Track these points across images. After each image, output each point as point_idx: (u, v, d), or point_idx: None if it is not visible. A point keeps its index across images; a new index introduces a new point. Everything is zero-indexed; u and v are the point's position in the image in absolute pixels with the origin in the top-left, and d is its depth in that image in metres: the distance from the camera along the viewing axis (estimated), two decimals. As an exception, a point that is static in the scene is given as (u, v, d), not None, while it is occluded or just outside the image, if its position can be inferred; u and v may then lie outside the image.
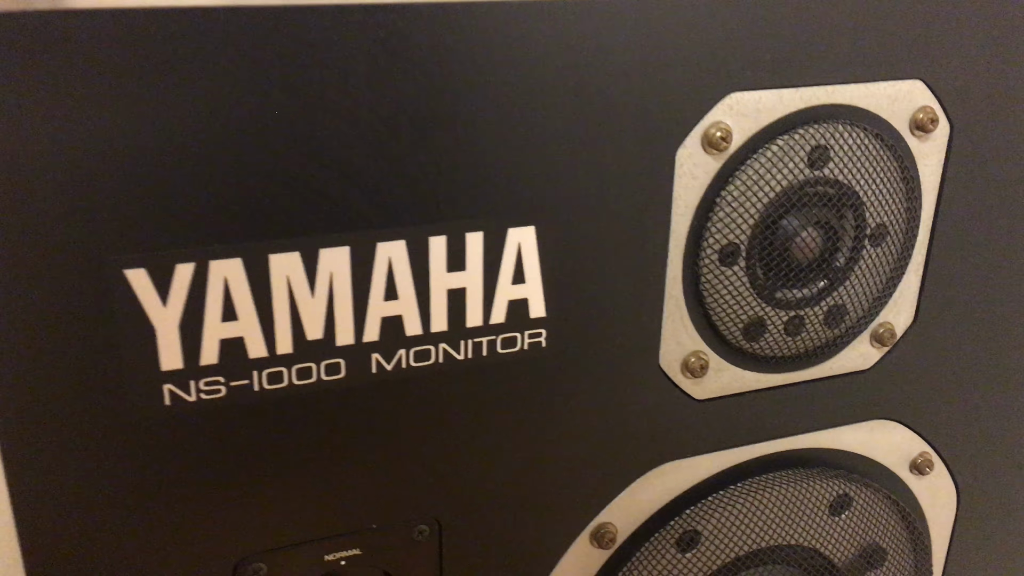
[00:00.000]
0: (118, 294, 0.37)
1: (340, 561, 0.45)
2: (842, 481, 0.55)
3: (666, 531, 0.52)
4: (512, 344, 0.44)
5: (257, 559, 0.43)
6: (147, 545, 0.41)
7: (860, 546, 0.58)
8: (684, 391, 0.49)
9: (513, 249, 0.42)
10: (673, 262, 0.46)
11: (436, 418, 0.44)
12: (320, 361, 0.41)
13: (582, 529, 0.50)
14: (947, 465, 0.59)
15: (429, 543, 0.47)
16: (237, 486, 0.42)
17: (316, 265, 0.39)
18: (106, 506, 0.40)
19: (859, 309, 0.51)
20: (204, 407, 0.40)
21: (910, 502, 0.59)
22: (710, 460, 0.52)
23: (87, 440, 0.39)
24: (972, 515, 0.61)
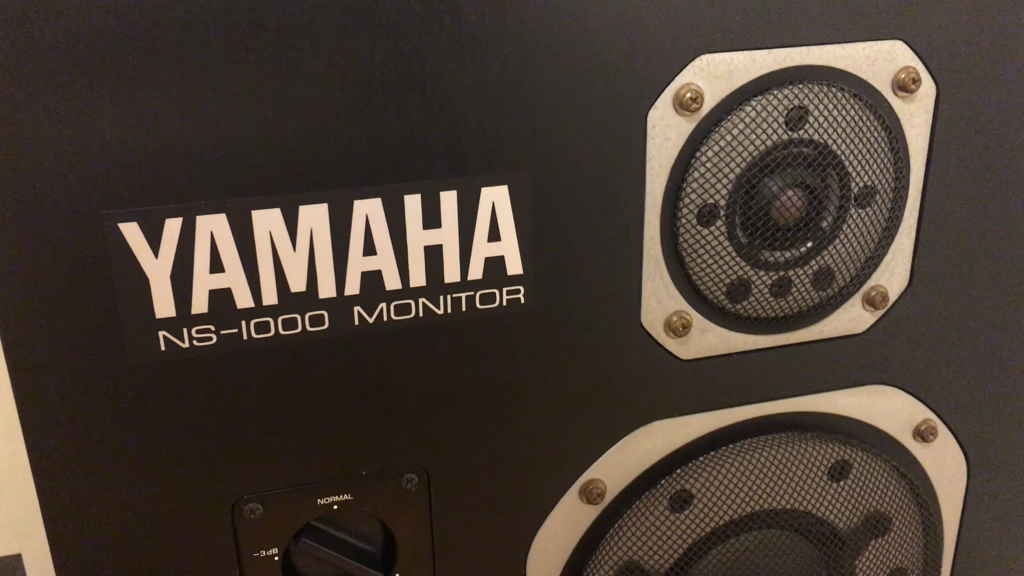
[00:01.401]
0: (114, 247, 0.40)
1: (332, 505, 0.48)
2: (840, 446, 0.56)
3: (657, 490, 0.53)
4: (491, 300, 0.46)
5: (253, 500, 0.47)
6: (149, 485, 0.45)
7: (864, 513, 0.58)
8: (668, 351, 0.51)
9: (487, 208, 0.45)
10: (650, 222, 0.48)
11: (420, 371, 0.47)
12: (304, 313, 0.44)
13: (571, 484, 0.52)
14: (953, 432, 0.58)
15: (419, 493, 0.49)
16: (232, 430, 0.45)
17: (296, 221, 0.42)
18: (111, 448, 0.44)
19: (848, 272, 0.52)
20: (197, 354, 0.43)
21: (914, 470, 0.58)
22: (700, 420, 0.53)
23: (92, 385, 0.42)
24: (985, 485, 0.61)
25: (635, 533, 0.54)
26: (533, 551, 0.53)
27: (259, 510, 0.47)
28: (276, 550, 0.48)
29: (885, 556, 0.60)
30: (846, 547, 0.58)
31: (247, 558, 0.48)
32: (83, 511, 0.45)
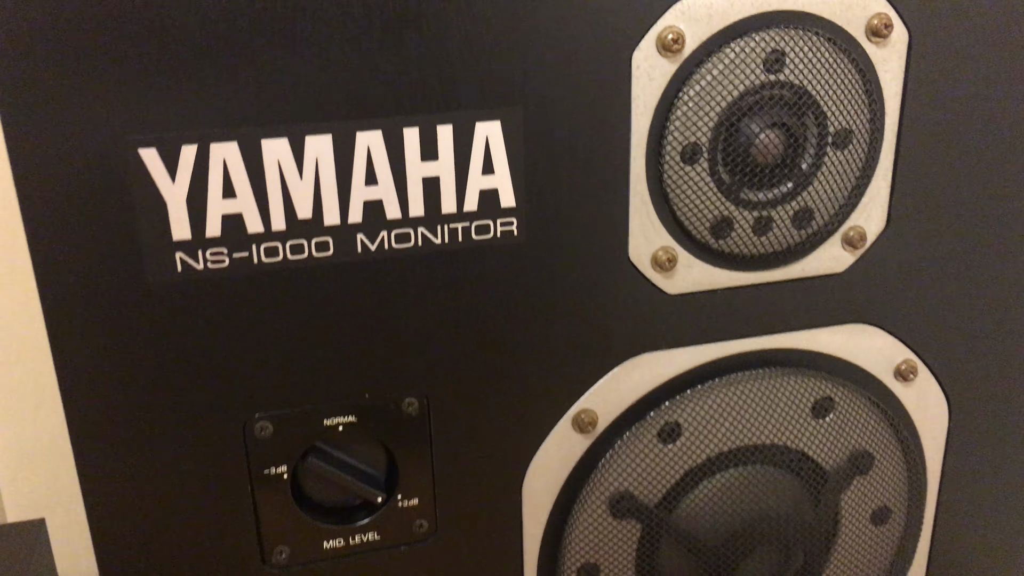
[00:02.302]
0: (134, 171, 0.43)
1: (338, 427, 0.51)
2: (823, 382, 0.58)
3: (647, 421, 0.56)
4: (486, 231, 0.49)
5: (264, 419, 0.50)
6: (166, 401, 0.48)
7: (847, 450, 0.60)
8: (656, 285, 0.53)
9: (481, 142, 0.48)
10: (636, 160, 0.50)
11: (419, 298, 0.50)
12: (311, 239, 0.47)
13: (563, 413, 0.55)
14: (933, 372, 0.61)
15: (419, 417, 0.52)
16: (244, 351, 0.48)
17: (303, 150, 0.45)
18: (131, 365, 0.47)
19: (826, 212, 0.54)
20: (211, 276, 0.46)
21: (896, 409, 0.61)
22: (687, 354, 0.56)
23: (114, 303, 0.46)
24: (966, 425, 0.63)
25: (626, 463, 0.57)
26: (528, 478, 0.55)
27: (269, 429, 0.50)
28: (285, 468, 0.51)
29: (869, 494, 0.62)
30: (830, 483, 0.60)
31: (257, 475, 0.51)
32: (104, 424, 0.48)
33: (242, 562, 0.52)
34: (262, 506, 0.51)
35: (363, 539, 0.54)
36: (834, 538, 0.62)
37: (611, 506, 0.57)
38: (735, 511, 0.58)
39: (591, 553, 0.58)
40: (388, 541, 0.54)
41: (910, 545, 0.65)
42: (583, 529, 0.57)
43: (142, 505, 0.50)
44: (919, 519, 0.64)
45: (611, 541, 0.58)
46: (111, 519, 0.49)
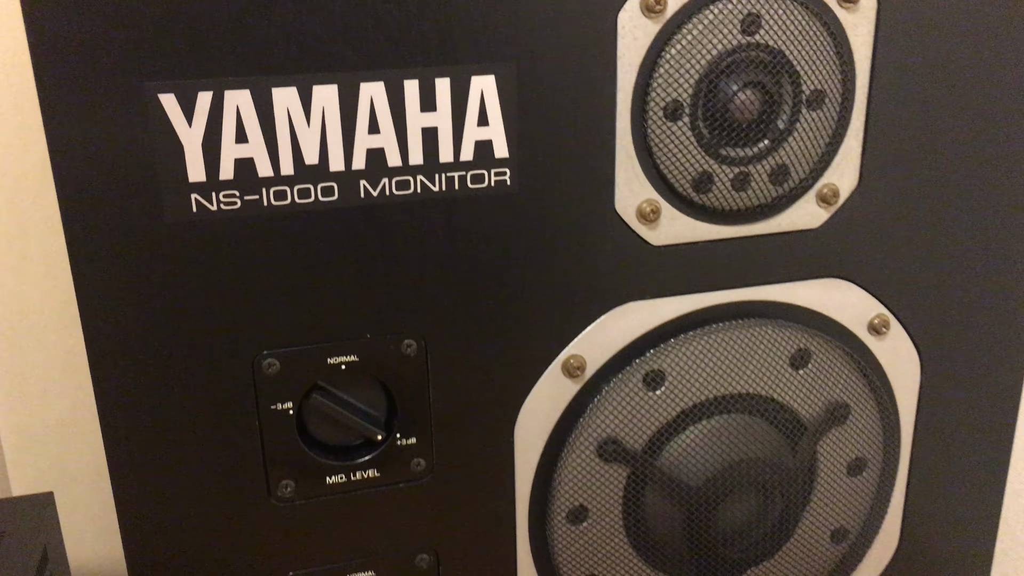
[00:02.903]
0: (154, 115, 0.47)
1: (341, 365, 0.54)
2: (800, 333, 0.61)
3: (633, 368, 0.59)
4: (481, 180, 0.53)
5: (271, 356, 0.53)
6: (179, 336, 0.51)
7: (824, 402, 0.63)
8: (640, 236, 0.57)
9: (477, 95, 0.51)
10: (622, 115, 0.54)
11: (418, 244, 0.53)
12: (317, 183, 0.50)
13: (553, 359, 0.58)
14: (905, 327, 0.64)
15: (417, 358, 0.55)
16: (253, 290, 0.51)
17: (310, 99, 0.49)
18: (148, 301, 0.50)
19: (801, 169, 0.58)
20: (224, 217, 0.49)
21: (870, 361, 0.64)
22: (671, 304, 0.59)
23: (133, 243, 0.49)
24: (938, 380, 0.66)
25: (613, 408, 0.60)
26: (520, 421, 0.59)
27: (276, 365, 0.53)
28: (291, 404, 0.54)
29: (845, 444, 0.65)
30: (808, 433, 0.64)
31: (265, 411, 0.54)
32: (120, 355, 0.51)
33: (249, 495, 0.55)
34: (269, 441, 0.54)
35: (364, 476, 0.57)
36: (812, 487, 0.65)
37: (599, 450, 0.60)
38: (717, 457, 0.61)
39: (580, 495, 0.61)
40: (387, 478, 0.57)
41: (885, 495, 0.68)
42: (572, 472, 0.60)
43: (154, 435, 0.53)
44: (894, 470, 0.68)
45: (599, 484, 0.61)
46: (125, 444, 0.52)
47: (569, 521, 0.62)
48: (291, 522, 0.57)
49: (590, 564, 0.63)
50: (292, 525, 0.57)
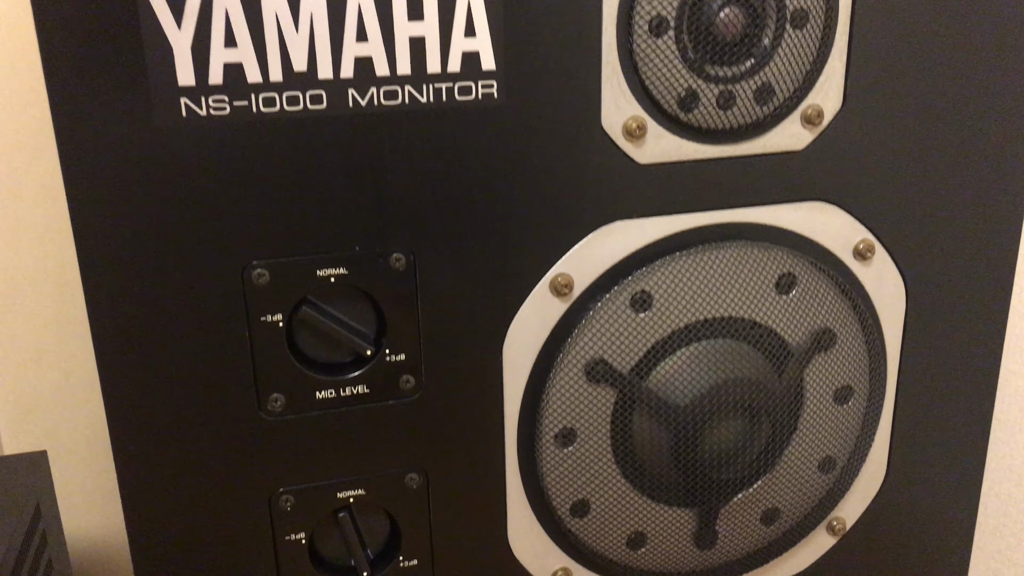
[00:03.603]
0: (144, 16, 0.47)
1: (330, 278, 0.55)
2: (786, 257, 0.62)
3: (620, 288, 0.60)
4: (468, 92, 0.53)
5: (260, 267, 0.53)
6: (169, 244, 0.52)
7: (810, 327, 0.64)
8: (627, 154, 0.57)
9: (464, 5, 0.52)
10: (608, 31, 0.55)
11: (406, 156, 0.54)
12: (305, 91, 0.51)
13: (541, 277, 0.59)
14: (890, 253, 0.65)
15: (406, 273, 0.56)
16: (243, 198, 0.52)
17: (299, 4, 0.49)
18: (137, 206, 0.51)
19: (786, 88, 0.58)
20: (213, 123, 0.50)
21: (856, 287, 0.65)
22: (657, 223, 0.60)
23: (123, 146, 0.49)
24: (923, 308, 0.67)
25: (601, 329, 0.60)
26: (508, 340, 0.59)
27: (265, 276, 0.54)
28: (280, 316, 0.55)
29: (832, 372, 0.66)
30: (793, 359, 0.64)
31: (255, 322, 0.54)
32: (110, 262, 0.51)
33: (239, 409, 0.56)
34: (259, 353, 0.55)
35: (353, 392, 0.57)
36: (799, 415, 0.66)
37: (586, 371, 0.61)
38: (704, 378, 0.62)
39: (568, 417, 0.62)
40: (377, 395, 0.58)
41: (872, 424, 0.69)
42: (560, 393, 0.61)
43: (145, 345, 0.53)
44: (880, 399, 0.68)
45: (587, 406, 0.62)
46: (115, 354, 0.53)
47: (557, 443, 0.62)
48: (281, 437, 0.57)
49: (578, 487, 0.63)
50: (282, 440, 0.57)
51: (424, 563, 0.62)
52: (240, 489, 0.57)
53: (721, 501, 0.66)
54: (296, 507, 0.59)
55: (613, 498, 0.64)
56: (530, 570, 0.65)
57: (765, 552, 0.70)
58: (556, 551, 0.65)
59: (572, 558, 0.66)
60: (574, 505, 0.64)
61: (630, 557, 0.67)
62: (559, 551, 0.65)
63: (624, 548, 0.66)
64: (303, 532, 0.59)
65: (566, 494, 0.63)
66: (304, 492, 0.59)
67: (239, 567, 0.59)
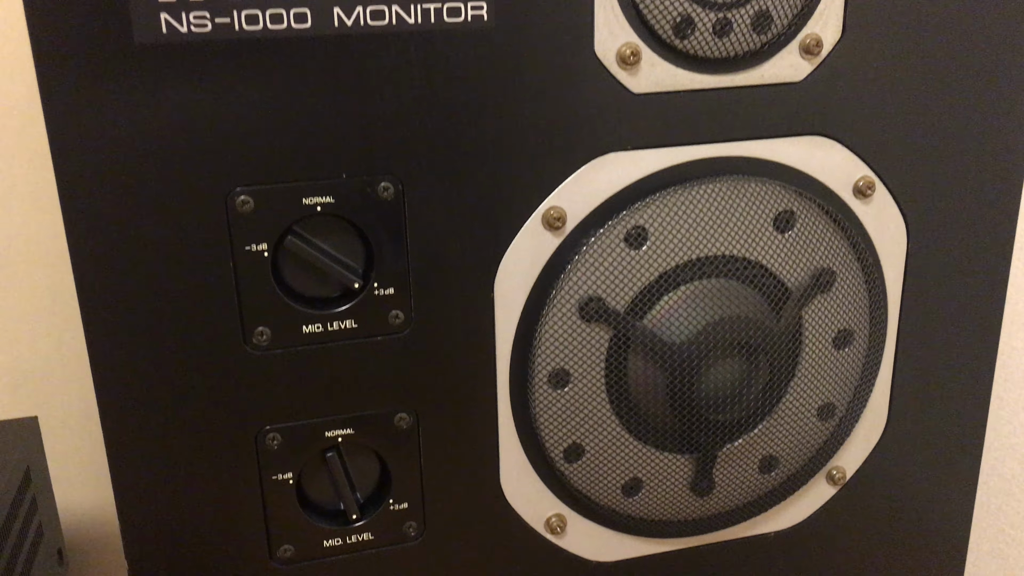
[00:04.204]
0: (122, -73, 0.46)
1: (316, 207, 0.54)
2: (784, 193, 0.61)
3: (614, 223, 0.58)
4: (457, 14, 0.52)
5: (244, 193, 0.52)
6: (149, 168, 0.50)
7: (808, 267, 0.63)
8: (620, 82, 0.56)
9: (452, -78, 0.50)
10: (601, -48, 0.53)
11: (394, 79, 0.52)
12: (289, 8, 0.49)
13: (533, 210, 0.57)
14: (890, 191, 0.63)
15: (394, 203, 0.55)
16: (225, 121, 0.51)
17: (282, -83, 0.48)
18: (116, 127, 0.49)
19: (784, 16, 0.57)
20: (194, 40, 0.49)
21: (856, 226, 0.63)
22: (652, 156, 0.58)
23: (102, 64, 0.48)
24: (925, 249, 0.65)
25: (595, 266, 0.59)
26: (500, 276, 0.58)
27: (249, 203, 0.52)
28: (266, 246, 0.53)
29: (831, 315, 0.64)
30: (792, 300, 0.63)
31: (239, 251, 0.53)
32: (89, 186, 0.50)
33: (224, 342, 0.55)
34: (244, 284, 0.54)
35: (341, 326, 0.56)
36: (797, 359, 0.65)
37: (581, 309, 0.59)
38: (701, 316, 0.61)
39: (562, 358, 0.60)
40: (365, 330, 0.56)
41: (872, 370, 0.67)
42: (553, 332, 0.59)
43: (126, 273, 0.52)
44: (881, 344, 0.67)
45: (581, 346, 0.60)
46: (95, 282, 0.52)
47: (551, 385, 0.61)
48: (267, 373, 0.56)
49: (572, 431, 0.62)
50: (268, 376, 0.56)
51: (415, 506, 0.61)
52: (226, 426, 0.56)
53: (718, 446, 0.65)
54: (283, 446, 0.57)
55: (607, 442, 0.63)
56: (523, 516, 0.64)
57: (763, 501, 0.69)
58: (550, 496, 0.64)
59: (566, 504, 0.65)
60: (567, 449, 0.63)
61: (625, 504, 0.66)
62: (553, 497, 0.64)
63: (619, 495, 0.65)
64: (290, 472, 0.58)
65: (559, 437, 0.62)
66: (291, 430, 0.57)
67: (225, 509, 0.58)
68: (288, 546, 0.60)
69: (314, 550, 0.60)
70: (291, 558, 0.60)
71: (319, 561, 0.61)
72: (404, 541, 0.62)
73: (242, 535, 0.59)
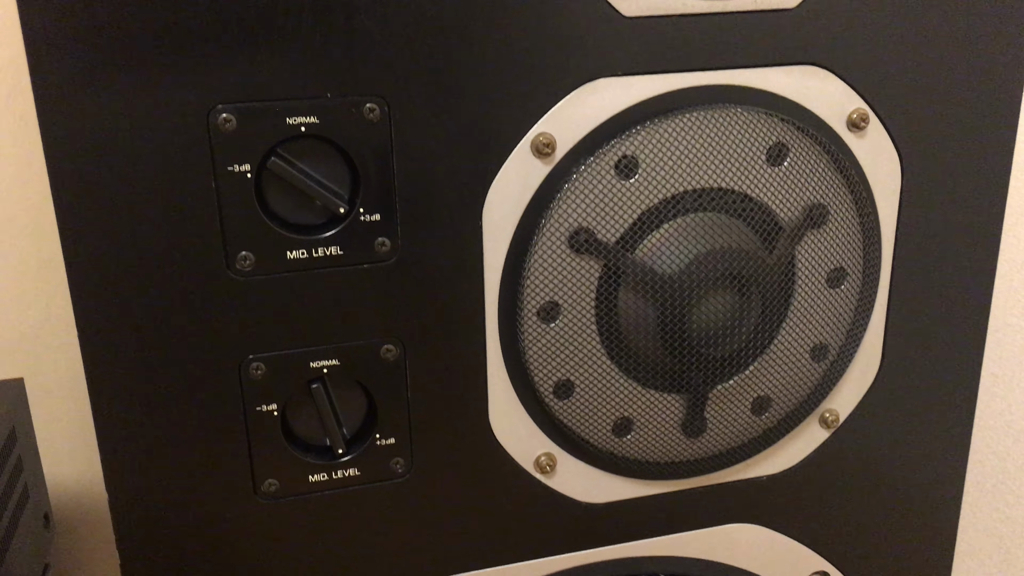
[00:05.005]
0: None
1: (300, 127, 0.52)
2: (777, 124, 0.60)
3: (604, 152, 0.58)
4: (444, -71, 0.51)
5: (227, 111, 0.51)
6: (129, 81, 0.49)
7: (801, 201, 0.62)
8: (611, 4, 0.55)
9: None
10: None
11: (379, -4, 0.51)
12: (272, -82, 0.48)
13: (522, 136, 0.56)
14: (885, 125, 0.62)
15: (381, 123, 0.54)
16: (206, 36, 0.49)
17: None
18: (95, 34, 0.48)
19: (777, -61, 0.56)
20: (175, -51, 0.48)
21: (850, 159, 0.62)
22: (643, 82, 0.57)
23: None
24: (919, 185, 0.65)
25: (584, 196, 0.58)
26: (488, 203, 0.57)
27: (232, 122, 0.51)
28: (249, 167, 0.52)
29: (824, 251, 0.64)
30: (785, 235, 0.62)
31: (222, 172, 0.52)
32: (69, 101, 0.49)
33: (206, 267, 0.54)
34: (226, 206, 0.53)
35: (326, 252, 0.55)
36: (790, 297, 0.64)
37: (570, 240, 0.59)
38: (692, 247, 0.60)
39: (551, 290, 0.59)
40: (351, 258, 0.55)
41: (866, 310, 0.66)
42: (543, 263, 0.58)
43: (105, 194, 0.51)
44: (874, 283, 0.66)
45: (571, 278, 0.59)
46: (73, 197, 0.51)
47: (540, 318, 0.60)
48: (251, 300, 0.55)
49: (562, 366, 0.61)
50: (252, 304, 0.55)
51: (402, 442, 0.60)
52: (209, 354, 0.55)
53: (710, 385, 0.64)
54: (267, 376, 0.56)
55: (598, 379, 0.62)
56: (512, 454, 0.63)
57: (756, 443, 0.68)
58: (539, 435, 0.63)
59: (556, 443, 0.64)
60: (557, 385, 0.62)
61: (616, 444, 0.65)
62: (543, 435, 0.63)
63: (610, 434, 0.64)
64: (275, 404, 0.57)
65: (549, 372, 0.61)
66: (275, 359, 0.56)
67: (209, 443, 0.57)
68: (273, 480, 0.59)
69: (300, 485, 0.59)
70: (276, 493, 0.59)
71: (305, 497, 0.60)
72: (391, 478, 0.61)
73: (227, 469, 0.58)
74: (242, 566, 0.60)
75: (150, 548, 0.58)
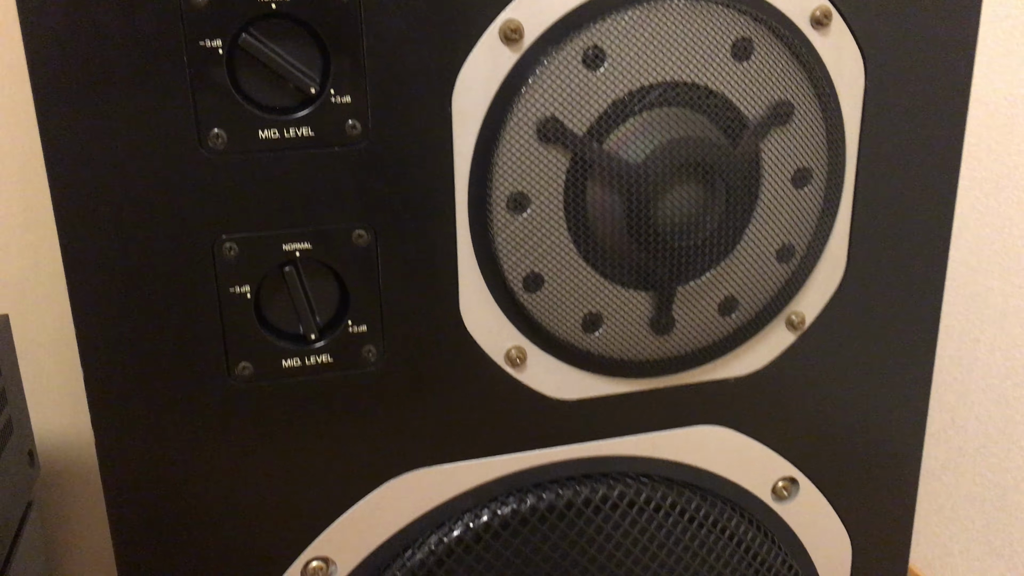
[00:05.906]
0: None
1: (271, 3, 0.54)
2: (741, 19, 0.61)
3: (572, 42, 0.59)
4: None
5: None
6: None
7: (766, 98, 0.63)
8: None
9: None
10: None
11: None
12: None
13: (491, 21, 0.57)
14: (847, 24, 0.64)
15: (351, 2, 0.55)
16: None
17: None
18: None
19: None
20: None
21: (813, 57, 0.64)
22: (609, -27, 0.59)
23: None
24: (882, 86, 0.66)
25: (552, 86, 0.59)
26: (457, 91, 0.58)
27: None
28: (220, 43, 0.53)
29: (789, 149, 0.65)
30: (750, 131, 0.63)
31: (192, 47, 0.53)
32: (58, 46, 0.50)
33: (178, 144, 0.55)
34: (198, 83, 0.54)
35: (298, 133, 0.56)
36: (756, 195, 0.65)
37: (539, 130, 0.60)
38: (658, 137, 0.61)
39: (520, 180, 0.61)
40: (322, 139, 0.57)
41: (831, 211, 0.68)
42: (511, 152, 0.60)
43: (80, 75, 0.52)
44: (839, 184, 0.67)
45: (540, 169, 0.60)
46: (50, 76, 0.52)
47: (509, 209, 0.61)
48: (223, 178, 0.56)
49: (531, 258, 0.63)
50: (224, 182, 0.56)
51: (374, 330, 0.61)
52: (181, 232, 0.56)
53: (676, 279, 0.65)
54: (240, 256, 0.57)
55: (567, 273, 0.63)
56: (483, 346, 0.64)
57: (723, 344, 0.69)
58: (510, 328, 0.64)
59: (526, 337, 0.65)
60: (527, 277, 0.63)
61: (585, 340, 0.66)
62: (513, 328, 0.65)
63: (579, 329, 0.65)
64: (248, 285, 0.58)
65: (518, 264, 0.62)
66: (248, 240, 0.57)
67: (182, 324, 0.58)
68: (246, 363, 0.60)
69: (273, 370, 0.60)
70: (249, 376, 0.60)
71: (278, 382, 0.61)
72: (363, 366, 0.62)
73: (200, 351, 0.59)
74: (217, 454, 0.61)
75: (126, 435, 0.59)
